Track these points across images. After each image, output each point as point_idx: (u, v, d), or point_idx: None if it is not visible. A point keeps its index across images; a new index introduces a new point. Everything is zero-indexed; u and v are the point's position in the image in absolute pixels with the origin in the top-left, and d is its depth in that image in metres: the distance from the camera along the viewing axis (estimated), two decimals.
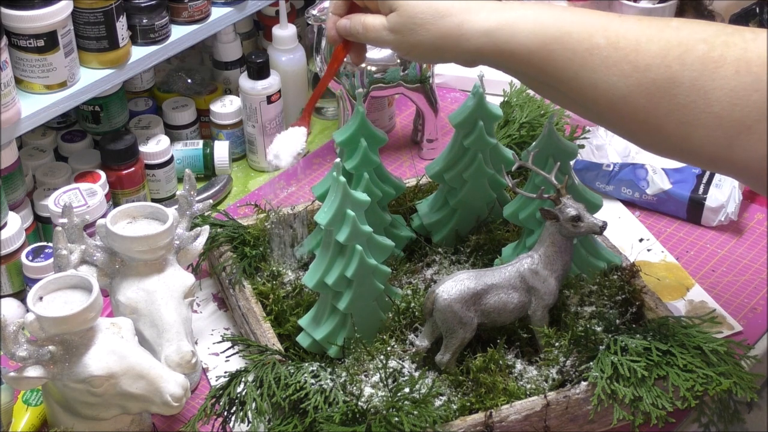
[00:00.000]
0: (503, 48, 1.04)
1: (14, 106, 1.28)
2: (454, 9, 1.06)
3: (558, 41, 1.01)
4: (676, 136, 0.98)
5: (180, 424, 1.22)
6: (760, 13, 1.58)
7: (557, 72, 1.02)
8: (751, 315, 1.35)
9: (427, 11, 1.07)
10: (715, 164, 0.99)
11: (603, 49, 0.99)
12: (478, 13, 1.05)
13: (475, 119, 1.28)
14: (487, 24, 1.04)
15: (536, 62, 1.03)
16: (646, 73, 0.97)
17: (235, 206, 1.55)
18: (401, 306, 1.22)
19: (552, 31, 1.02)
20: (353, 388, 1.12)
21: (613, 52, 0.99)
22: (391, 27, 1.09)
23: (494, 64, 1.07)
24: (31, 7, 1.27)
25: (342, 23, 1.15)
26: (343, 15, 1.16)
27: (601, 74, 0.99)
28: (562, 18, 1.02)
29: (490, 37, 1.04)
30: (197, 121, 1.64)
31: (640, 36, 0.98)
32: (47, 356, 1.06)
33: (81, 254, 1.17)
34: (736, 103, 0.94)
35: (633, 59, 0.98)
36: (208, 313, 1.38)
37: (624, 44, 0.99)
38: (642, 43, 0.98)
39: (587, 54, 1.00)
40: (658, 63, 0.97)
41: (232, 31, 1.65)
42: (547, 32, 1.02)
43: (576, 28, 1.01)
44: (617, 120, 1.02)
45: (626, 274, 1.27)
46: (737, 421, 1.18)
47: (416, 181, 1.45)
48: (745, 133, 0.94)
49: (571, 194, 1.20)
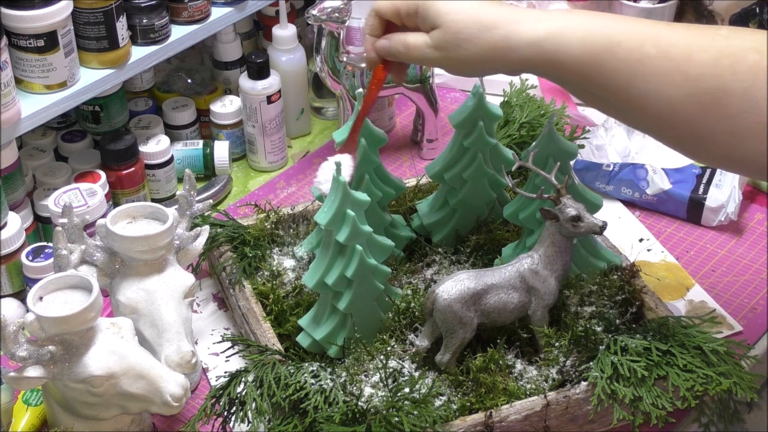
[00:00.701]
0: (552, 58, 1.03)
1: (14, 106, 1.28)
2: (499, 21, 1.04)
3: (608, 51, 1.00)
4: (726, 146, 0.97)
5: (180, 424, 1.22)
6: (760, 13, 1.58)
7: (607, 82, 1.01)
8: (751, 315, 1.35)
9: (472, 25, 1.05)
10: (765, 174, 0.98)
11: (654, 58, 0.98)
12: (524, 23, 1.04)
13: (475, 119, 1.28)
14: (535, 34, 1.03)
15: (585, 72, 1.02)
16: (697, 82, 0.96)
17: (235, 206, 1.55)
18: (401, 306, 1.22)
19: (601, 41, 1.00)
20: (353, 388, 1.12)
21: (664, 62, 0.98)
22: (436, 44, 1.07)
23: (542, 73, 1.06)
24: (31, 7, 1.27)
25: (381, 44, 1.13)
26: (380, 35, 1.14)
27: (651, 84, 0.98)
28: (611, 27, 1.01)
29: (538, 47, 1.03)
30: (197, 121, 1.64)
31: (690, 45, 0.97)
32: (47, 356, 1.06)
33: (81, 254, 1.17)
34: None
35: (684, 69, 0.97)
36: (208, 313, 1.38)
37: (675, 53, 0.97)
38: (693, 53, 0.97)
39: (638, 64, 0.99)
40: (710, 72, 0.96)
41: (232, 31, 1.65)
42: (596, 42, 1.00)
43: (626, 38, 1.00)
44: (666, 129, 1.01)
45: (626, 274, 1.27)
46: (737, 421, 1.18)
47: (416, 181, 1.45)
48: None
49: (571, 194, 1.20)
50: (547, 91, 1.70)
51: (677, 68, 0.97)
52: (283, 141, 1.62)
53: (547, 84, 1.73)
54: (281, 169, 1.64)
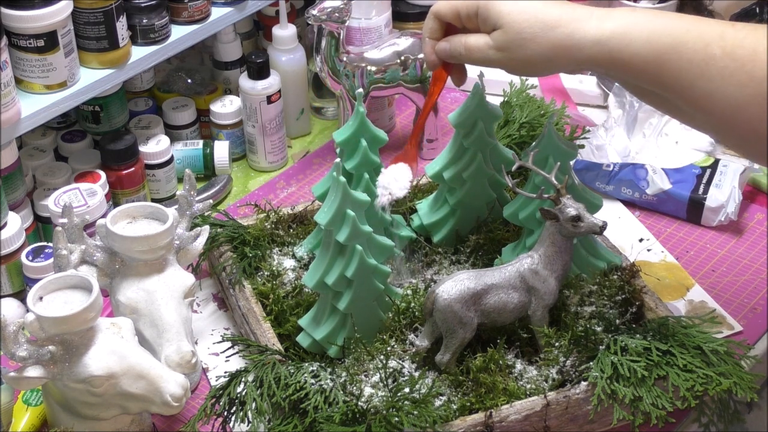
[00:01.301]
0: (616, 57, 1.02)
1: (14, 106, 1.28)
2: (563, 19, 1.04)
3: (674, 50, 1.00)
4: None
5: (180, 424, 1.22)
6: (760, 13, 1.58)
7: (671, 82, 1.01)
8: (751, 315, 1.35)
9: (535, 24, 1.05)
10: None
11: (719, 59, 0.98)
12: (588, 22, 1.03)
13: (475, 119, 1.28)
14: (599, 32, 1.03)
15: (650, 71, 1.01)
16: (763, 83, 0.96)
17: (235, 206, 1.55)
18: (401, 306, 1.22)
19: (667, 40, 1.00)
20: (353, 388, 1.12)
21: (730, 63, 0.97)
22: (498, 45, 1.07)
23: (605, 72, 1.06)
24: (31, 7, 1.27)
25: (442, 46, 1.13)
26: (440, 38, 1.14)
27: (717, 84, 0.98)
28: (676, 26, 1.01)
29: (603, 45, 1.02)
30: (197, 121, 1.64)
31: (756, 45, 0.97)
32: (47, 356, 1.06)
33: (81, 254, 1.17)
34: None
35: (750, 69, 0.96)
36: (208, 313, 1.38)
37: (741, 54, 0.97)
38: (759, 53, 0.97)
39: (703, 64, 0.98)
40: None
41: (232, 31, 1.65)
42: (661, 41, 1.00)
43: (691, 37, 0.99)
44: (730, 130, 1.01)
45: (626, 274, 1.27)
46: (737, 421, 1.18)
47: (416, 181, 1.45)
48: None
49: (571, 194, 1.20)
50: (547, 91, 1.70)
51: (742, 68, 0.97)
52: (283, 141, 1.62)
53: (547, 84, 1.73)
54: (281, 169, 1.64)
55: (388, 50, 1.56)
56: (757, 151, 1.01)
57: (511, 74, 1.14)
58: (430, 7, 1.73)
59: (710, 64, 0.98)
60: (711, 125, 1.03)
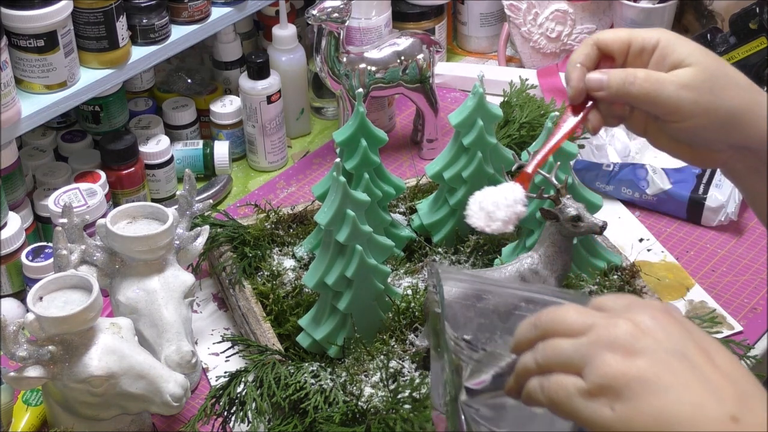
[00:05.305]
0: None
1: (14, 106, 1.28)
2: (753, 87, 0.96)
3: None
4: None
5: (180, 424, 1.22)
6: (760, 13, 1.58)
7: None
8: (751, 315, 1.35)
9: (730, 76, 0.95)
10: None
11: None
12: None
13: (475, 119, 1.28)
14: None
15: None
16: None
17: (235, 206, 1.55)
18: (401, 306, 1.22)
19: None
20: (353, 388, 1.12)
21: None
22: (687, 82, 0.94)
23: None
24: (31, 7, 1.27)
25: (595, 77, 0.98)
26: (593, 68, 1.00)
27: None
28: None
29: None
30: (197, 121, 1.64)
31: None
32: (47, 356, 1.06)
33: (81, 254, 1.17)
34: None
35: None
36: (208, 313, 1.38)
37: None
38: None
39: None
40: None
41: (232, 31, 1.65)
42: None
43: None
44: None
45: (626, 274, 1.27)
46: None
47: (416, 181, 1.45)
48: None
49: (571, 194, 1.20)
50: (547, 91, 1.70)
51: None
52: (283, 141, 1.62)
53: (547, 84, 1.73)
54: (281, 169, 1.64)
55: (388, 50, 1.56)
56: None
57: (675, 124, 0.96)
58: (430, 7, 1.77)
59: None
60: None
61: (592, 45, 1.00)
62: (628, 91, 0.96)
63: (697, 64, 0.94)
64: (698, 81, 0.94)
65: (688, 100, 0.94)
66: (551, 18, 1.79)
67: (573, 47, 1.80)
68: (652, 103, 0.95)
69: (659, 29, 0.99)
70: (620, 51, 0.99)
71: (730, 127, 0.95)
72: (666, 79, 0.95)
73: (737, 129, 0.95)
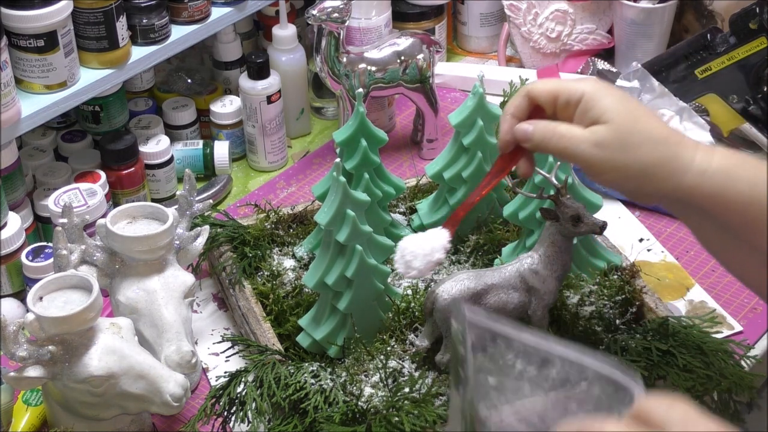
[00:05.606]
0: (718, 193, 0.94)
1: (14, 106, 1.28)
2: (670, 139, 0.96)
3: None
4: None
5: (180, 424, 1.22)
6: (760, 13, 1.58)
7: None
8: (751, 315, 1.35)
9: (643, 132, 0.96)
10: None
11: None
12: (694, 150, 0.95)
13: (475, 119, 1.28)
14: (705, 164, 0.95)
15: (750, 215, 0.94)
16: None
17: (235, 206, 1.55)
18: (401, 306, 1.22)
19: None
20: (353, 388, 1.12)
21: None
22: (597, 140, 0.96)
23: (699, 208, 0.97)
24: (31, 7, 1.27)
25: (523, 128, 1.01)
26: (524, 118, 1.03)
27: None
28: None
29: (707, 177, 0.94)
30: (197, 121, 1.64)
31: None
32: (47, 356, 1.06)
33: (81, 254, 1.17)
34: None
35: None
36: (208, 313, 1.38)
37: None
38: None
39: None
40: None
41: (232, 31, 1.65)
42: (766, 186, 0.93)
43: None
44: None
45: (626, 274, 1.27)
46: (737, 421, 1.18)
47: (416, 181, 1.45)
48: None
49: (571, 194, 1.20)
50: None
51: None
52: (283, 141, 1.62)
53: None
54: (281, 169, 1.64)
55: (388, 50, 1.56)
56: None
57: (591, 177, 1.01)
58: (430, 7, 1.77)
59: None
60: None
61: (524, 96, 1.03)
62: (547, 146, 1.01)
63: (611, 122, 0.96)
64: (609, 139, 0.96)
65: (599, 158, 0.97)
66: (551, 18, 1.79)
67: (573, 47, 1.80)
68: (569, 158, 1.00)
69: (589, 80, 1.02)
70: (548, 102, 1.02)
71: (643, 182, 0.97)
72: (580, 137, 0.98)
73: (650, 184, 0.97)
